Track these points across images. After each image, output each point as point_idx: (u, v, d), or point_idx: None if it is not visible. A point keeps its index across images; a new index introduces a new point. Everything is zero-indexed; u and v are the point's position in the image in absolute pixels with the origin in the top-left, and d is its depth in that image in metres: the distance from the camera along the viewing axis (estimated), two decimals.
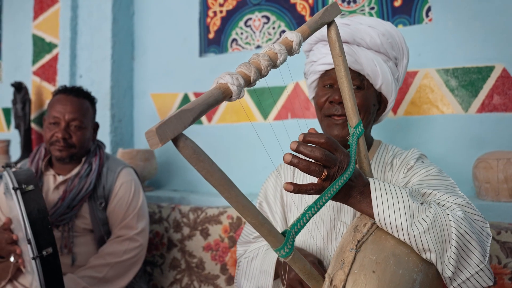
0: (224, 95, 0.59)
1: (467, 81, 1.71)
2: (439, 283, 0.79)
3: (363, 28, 1.08)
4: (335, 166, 0.72)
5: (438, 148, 1.75)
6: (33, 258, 1.19)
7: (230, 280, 1.80)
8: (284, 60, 0.70)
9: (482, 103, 1.68)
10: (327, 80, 1.12)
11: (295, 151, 0.70)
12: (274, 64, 0.68)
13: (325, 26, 0.84)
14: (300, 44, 0.73)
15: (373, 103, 1.12)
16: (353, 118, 0.88)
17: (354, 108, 0.88)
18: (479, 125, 1.68)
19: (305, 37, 0.76)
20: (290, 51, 0.72)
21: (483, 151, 1.62)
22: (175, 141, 0.53)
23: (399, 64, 1.15)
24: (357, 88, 1.09)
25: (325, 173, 0.71)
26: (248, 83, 0.63)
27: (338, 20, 1.12)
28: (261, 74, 0.66)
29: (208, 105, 0.56)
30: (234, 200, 0.60)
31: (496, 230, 1.35)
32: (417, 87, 1.79)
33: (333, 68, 1.10)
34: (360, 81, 1.09)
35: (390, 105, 1.16)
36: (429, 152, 1.71)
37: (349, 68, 1.08)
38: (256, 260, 1.18)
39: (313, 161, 0.71)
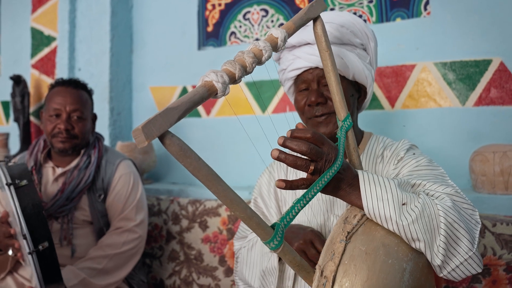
0: (209, 92, 0.60)
1: (464, 74, 1.71)
2: (429, 272, 0.81)
3: None
4: (322, 160, 0.72)
5: (435, 141, 1.76)
6: (29, 253, 1.20)
7: (229, 271, 1.82)
8: (269, 57, 0.70)
9: (479, 96, 1.69)
10: (301, 84, 1.13)
11: (282, 146, 0.71)
12: (259, 61, 0.69)
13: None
14: (285, 40, 0.74)
15: (350, 94, 1.12)
16: (341, 111, 0.89)
17: (342, 102, 0.88)
18: (476, 119, 1.69)
19: (290, 33, 0.76)
20: (275, 48, 0.73)
21: (480, 144, 1.62)
22: (161, 138, 0.54)
23: (367, 48, 1.15)
24: None
25: (312, 167, 0.72)
26: (233, 80, 0.64)
27: None
28: (246, 71, 0.66)
29: (193, 103, 0.57)
30: (222, 194, 0.61)
31: (492, 222, 1.36)
32: (414, 80, 1.80)
33: (304, 71, 1.11)
34: None
35: (370, 90, 1.16)
36: (426, 145, 1.72)
37: (317, 67, 1.08)
38: (256, 247, 1.19)
39: (300, 155, 0.72)
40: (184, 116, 0.56)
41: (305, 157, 0.73)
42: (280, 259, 1.11)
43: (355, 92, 1.15)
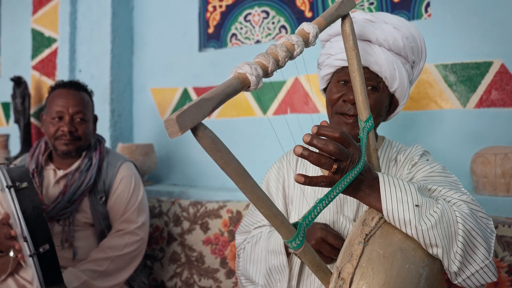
0: (243, 85, 0.59)
1: (465, 76, 1.72)
2: (442, 278, 0.81)
3: (388, 29, 1.05)
4: (347, 160, 0.71)
5: (437, 143, 1.76)
6: (30, 256, 1.19)
7: (230, 273, 1.81)
8: (301, 52, 0.69)
9: (480, 98, 1.69)
10: (343, 76, 1.09)
11: (308, 143, 0.69)
12: (291, 55, 0.68)
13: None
14: (316, 36, 0.73)
15: (385, 105, 1.11)
16: (363, 112, 0.88)
17: (365, 103, 0.88)
18: (477, 120, 1.69)
19: (321, 29, 0.75)
20: (307, 43, 0.72)
21: (481, 146, 1.63)
22: (194, 130, 0.53)
23: (415, 67, 1.14)
24: (372, 89, 1.07)
25: (335, 166, 0.71)
26: (266, 73, 0.63)
27: (362, 14, 1.10)
28: (278, 65, 0.65)
29: (226, 95, 0.56)
30: (249, 190, 0.60)
31: (493, 224, 1.36)
32: (415, 82, 1.80)
33: None
34: (376, 82, 1.07)
35: (401, 107, 1.15)
36: (427, 147, 1.71)
37: (368, 68, 1.06)
38: (261, 243, 1.17)
39: (323, 153, 0.71)
40: (217, 108, 0.55)
41: (329, 155, 0.71)
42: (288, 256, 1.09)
43: (388, 105, 1.13)
